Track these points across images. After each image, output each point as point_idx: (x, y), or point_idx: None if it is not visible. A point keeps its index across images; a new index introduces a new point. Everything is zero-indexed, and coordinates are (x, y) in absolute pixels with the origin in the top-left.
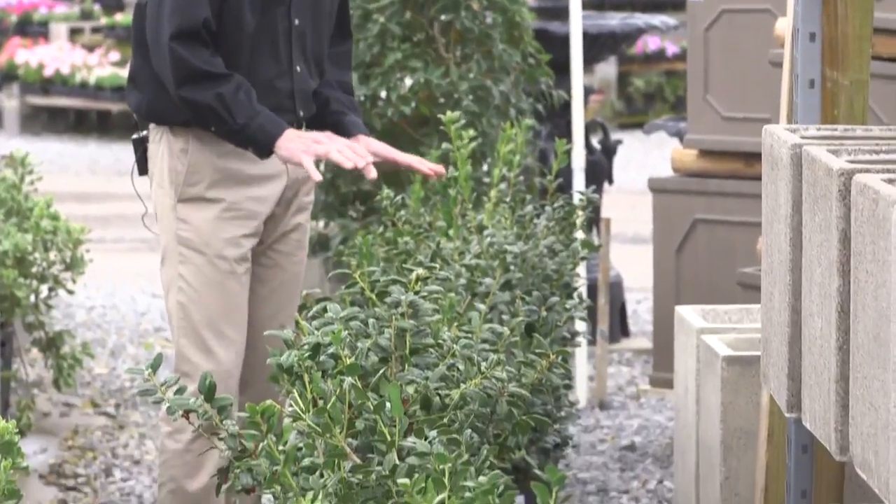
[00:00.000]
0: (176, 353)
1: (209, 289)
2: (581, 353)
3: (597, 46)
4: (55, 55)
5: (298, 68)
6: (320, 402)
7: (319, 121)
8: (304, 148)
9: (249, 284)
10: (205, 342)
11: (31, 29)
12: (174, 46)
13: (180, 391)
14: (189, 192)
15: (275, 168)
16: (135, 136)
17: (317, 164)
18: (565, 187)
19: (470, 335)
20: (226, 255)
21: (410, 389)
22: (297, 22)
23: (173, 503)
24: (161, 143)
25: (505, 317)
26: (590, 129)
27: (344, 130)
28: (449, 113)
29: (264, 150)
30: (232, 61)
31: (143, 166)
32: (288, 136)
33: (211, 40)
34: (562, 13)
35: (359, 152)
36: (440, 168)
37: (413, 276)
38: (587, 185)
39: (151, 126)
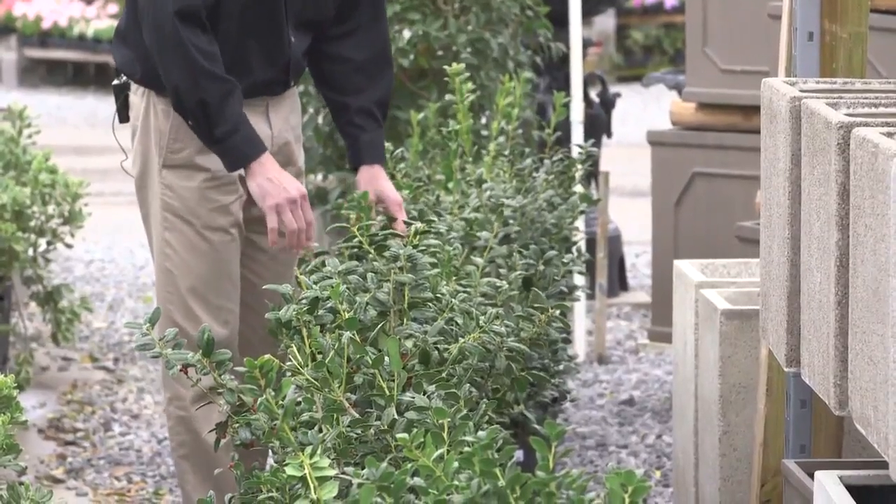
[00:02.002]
0: (162, 316)
1: (197, 259)
2: (580, 308)
3: None
4: (53, 7)
5: (293, 39)
6: (319, 357)
7: (337, 119)
8: (276, 201)
9: (250, 252)
10: (191, 309)
11: None
12: (179, 26)
13: (178, 346)
14: (173, 158)
15: (260, 133)
16: (115, 81)
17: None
18: (564, 141)
19: (468, 289)
20: (215, 225)
21: (409, 344)
22: None
23: (188, 468)
24: (144, 97)
25: (503, 271)
26: (588, 82)
27: (357, 152)
28: (454, 65)
29: (234, 168)
30: (226, 31)
31: (123, 114)
32: (266, 166)
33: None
34: None
35: (302, 241)
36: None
37: (411, 229)
38: (586, 139)
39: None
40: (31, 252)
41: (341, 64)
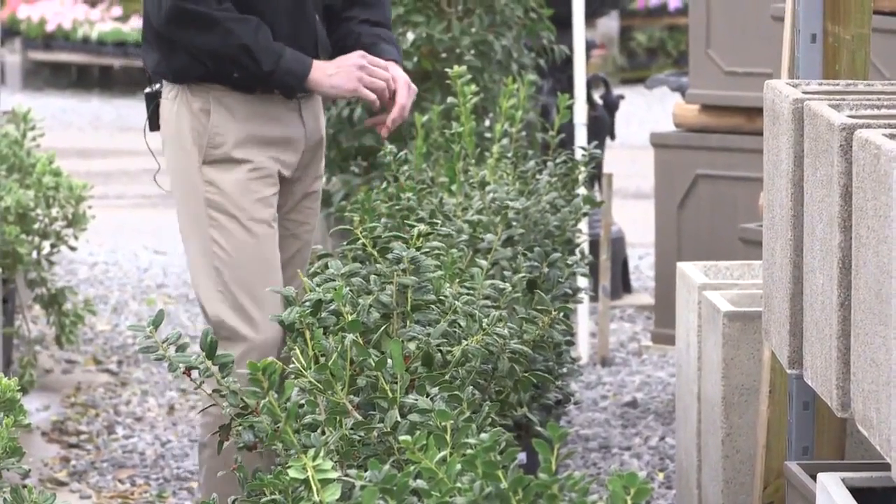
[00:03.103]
0: (212, 320)
1: (245, 252)
2: (583, 310)
3: (599, 0)
4: (57, 10)
5: (317, 16)
6: (322, 359)
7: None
8: (355, 78)
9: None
10: (244, 308)
11: None
12: (183, 4)
13: (181, 348)
14: (214, 153)
15: (295, 132)
16: (147, 89)
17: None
18: (567, 143)
19: (472, 291)
20: (259, 217)
21: (412, 346)
22: None
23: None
24: (177, 101)
25: (507, 273)
26: (592, 83)
27: (374, 55)
28: (456, 67)
29: (295, 89)
30: (257, 15)
31: (154, 122)
32: (321, 69)
33: None
34: None
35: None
36: (385, 129)
37: (415, 231)
38: (589, 141)
39: (165, 82)
40: (34, 255)
41: (342, 22)
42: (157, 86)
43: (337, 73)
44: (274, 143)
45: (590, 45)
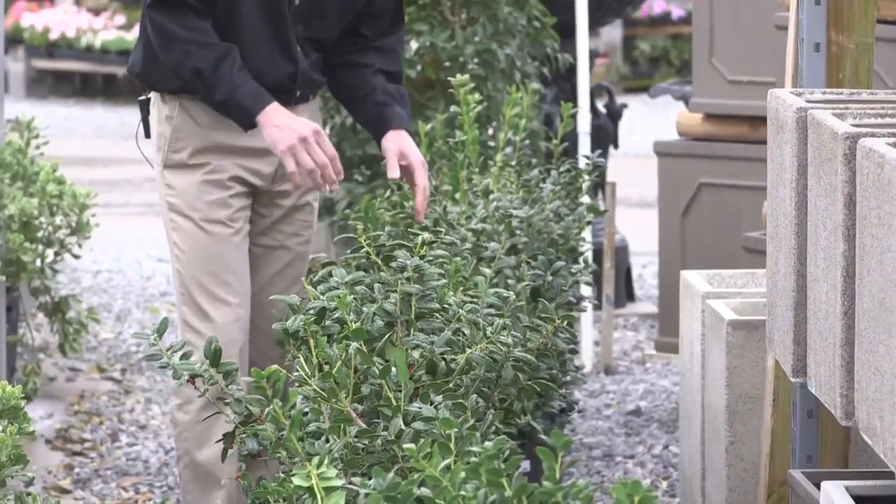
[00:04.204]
0: (179, 323)
1: (199, 253)
2: (586, 318)
3: (602, 9)
4: (61, 18)
5: (300, 48)
6: (326, 367)
7: (362, 110)
8: (290, 143)
9: (256, 266)
10: (200, 307)
11: None
12: (153, 14)
13: (186, 356)
14: (174, 158)
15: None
16: (141, 97)
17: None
18: (571, 151)
19: (476, 300)
20: (213, 218)
21: (416, 354)
22: (297, 1)
23: (190, 476)
24: (154, 107)
25: (510, 281)
26: (595, 92)
27: (385, 121)
28: (458, 76)
29: (245, 125)
30: (229, 40)
31: (147, 128)
32: (273, 115)
33: (205, 10)
34: None
35: (328, 177)
36: (420, 214)
37: (419, 240)
38: (593, 149)
39: (150, 90)
40: (38, 263)
41: (357, 68)
42: (149, 95)
43: (283, 128)
44: (240, 153)
45: (593, 54)
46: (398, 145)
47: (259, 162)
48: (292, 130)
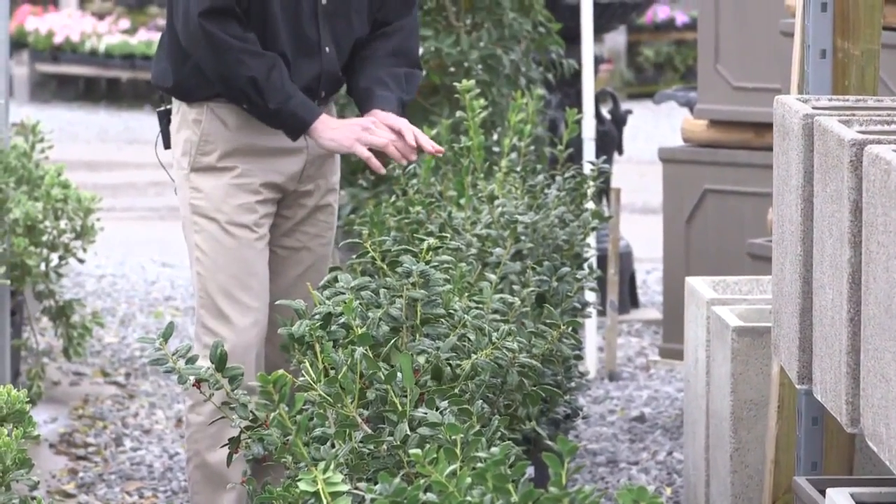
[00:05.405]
0: (197, 326)
1: (223, 256)
2: (591, 324)
3: (606, 15)
4: (65, 22)
5: (327, 49)
6: (332, 372)
7: (355, 92)
8: (354, 136)
9: (279, 268)
10: (220, 310)
11: None
12: (204, 23)
13: (192, 360)
14: (202, 161)
15: (294, 143)
16: (160, 108)
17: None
18: (575, 157)
19: (481, 305)
20: (238, 221)
21: (421, 359)
22: (324, 1)
23: (200, 477)
24: (179, 113)
25: (516, 287)
26: (600, 98)
27: (370, 102)
28: (464, 81)
29: (295, 135)
30: (258, 40)
31: (167, 139)
32: (327, 122)
33: (244, 18)
34: None
35: (406, 148)
36: (438, 147)
37: (424, 245)
38: (597, 155)
39: (174, 99)
40: (43, 267)
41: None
42: (169, 106)
43: (340, 128)
44: (269, 154)
45: (598, 60)
46: (378, 116)
47: (286, 161)
48: (349, 127)
